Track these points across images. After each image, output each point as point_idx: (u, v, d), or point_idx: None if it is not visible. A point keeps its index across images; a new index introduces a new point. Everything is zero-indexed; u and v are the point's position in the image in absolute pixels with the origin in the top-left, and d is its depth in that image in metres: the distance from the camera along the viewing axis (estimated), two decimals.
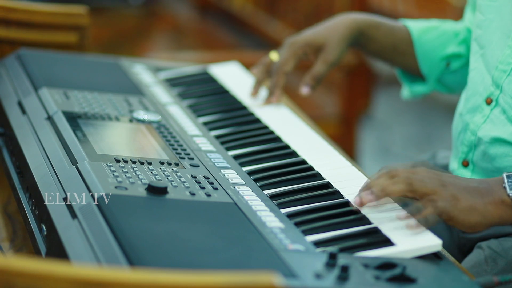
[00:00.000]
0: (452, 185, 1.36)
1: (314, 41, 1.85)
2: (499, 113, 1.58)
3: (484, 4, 1.66)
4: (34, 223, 1.39)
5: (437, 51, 1.86)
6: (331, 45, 1.84)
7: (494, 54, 1.61)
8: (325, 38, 1.84)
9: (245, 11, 4.09)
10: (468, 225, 1.36)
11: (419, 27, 1.89)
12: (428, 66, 1.88)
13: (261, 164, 1.58)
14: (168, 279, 1.01)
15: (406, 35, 1.89)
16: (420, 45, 1.87)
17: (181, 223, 1.29)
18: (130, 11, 4.39)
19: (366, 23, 1.86)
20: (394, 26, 1.89)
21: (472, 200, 1.35)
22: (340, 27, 1.85)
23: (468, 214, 1.35)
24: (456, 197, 1.35)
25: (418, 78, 1.93)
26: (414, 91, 1.95)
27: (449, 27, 1.88)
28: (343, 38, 1.85)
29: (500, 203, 1.37)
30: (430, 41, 1.87)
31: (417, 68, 1.90)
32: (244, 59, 2.59)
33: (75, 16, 2.13)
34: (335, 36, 1.84)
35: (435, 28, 1.88)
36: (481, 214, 1.36)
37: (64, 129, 1.59)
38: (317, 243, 1.30)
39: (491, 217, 1.37)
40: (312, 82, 1.86)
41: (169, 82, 2.02)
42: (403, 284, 1.20)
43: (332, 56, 1.85)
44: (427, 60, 1.87)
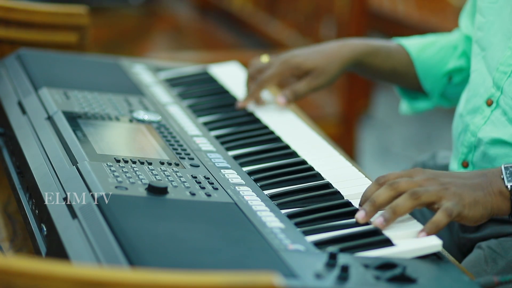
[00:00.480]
0: (452, 185, 1.37)
1: (305, 66, 1.83)
2: (500, 114, 1.58)
3: (485, 6, 1.66)
4: (34, 223, 1.39)
5: (438, 67, 1.85)
6: (320, 73, 1.83)
7: (495, 56, 1.61)
8: (316, 64, 1.83)
9: (245, 11, 4.09)
10: (474, 219, 1.38)
11: (416, 45, 1.88)
12: (430, 83, 1.87)
13: (261, 164, 1.58)
14: (168, 279, 1.01)
15: (404, 56, 1.87)
16: (420, 64, 1.86)
17: (181, 223, 1.29)
18: (130, 11, 4.39)
19: (363, 52, 1.84)
20: (391, 49, 1.87)
21: (474, 194, 1.37)
22: (335, 57, 1.83)
23: (473, 208, 1.37)
24: (459, 195, 1.36)
25: (419, 95, 1.92)
26: (415, 107, 1.94)
27: (446, 41, 1.87)
28: (335, 69, 1.83)
29: (499, 194, 1.39)
30: (429, 58, 1.86)
31: (419, 87, 1.89)
32: (244, 59, 2.59)
33: (75, 16, 2.13)
34: (327, 65, 1.83)
35: (432, 44, 1.87)
36: (483, 206, 1.38)
37: (64, 129, 1.59)
38: (317, 243, 1.30)
39: (490, 208, 1.39)
40: (290, 96, 1.84)
41: (169, 82, 2.02)
42: (403, 284, 1.20)
43: (317, 82, 1.84)
44: (429, 77, 1.87)
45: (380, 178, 1.39)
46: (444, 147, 2.72)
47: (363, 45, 1.85)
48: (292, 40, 3.65)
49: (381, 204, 1.36)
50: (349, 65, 1.85)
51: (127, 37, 4.04)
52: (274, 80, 1.84)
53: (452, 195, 1.35)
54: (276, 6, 3.87)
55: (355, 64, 1.85)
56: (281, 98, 1.85)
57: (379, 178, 1.39)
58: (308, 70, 1.83)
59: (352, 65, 1.85)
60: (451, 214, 1.34)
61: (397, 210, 1.34)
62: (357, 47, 1.85)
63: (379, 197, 1.36)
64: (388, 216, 1.34)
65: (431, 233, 1.33)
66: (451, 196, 1.35)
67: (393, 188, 1.36)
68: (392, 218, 1.34)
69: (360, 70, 1.89)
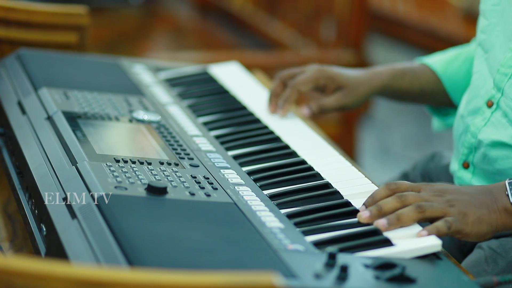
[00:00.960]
0: (457, 202, 1.39)
1: (339, 79, 1.83)
2: (500, 116, 1.58)
3: (488, 9, 1.66)
4: (34, 223, 1.39)
5: (466, 80, 1.84)
6: (352, 92, 1.83)
7: (497, 58, 1.61)
8: (350, 81, 1.83)
9: (245, 11, 4.09)
10: (477, 236, 1.39)
11: (440, 62, 1.87)
12: (460, 97, 1.86)
13: (261, 164, 1.58)
14: (168, 279, 1.01)
15: (431, 74, 1.87)
16: (447, 80, 1.86)
17: (180, 223, 1.29)
18: (130, 11, 4.39)
19: (390, 77, 1.85)
20: (415, 70, 1.87)
21: (479, 212, 1.39)
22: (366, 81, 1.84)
23: (477, 226, 1.38)
24: (464, 213, 1.38)
25: (451, 110, 1.92)
26: (449, 123, 1.93)
27: (468, 52, 1.86)
28: (365, 92, 1.84)
29: (504, 211, 1.41)
30: (456, 72, 1.86)
31: (449, 102, 1.88)
32: (244, 59, 2.59)
33: (75, 16, 2.13)
34: (359, 87, 1.83)
35: (456, 58, 1.87)
36: (487, 224, 1.39)
37: (64, 129, 1.59)
38: (316, 243, 1.30)
39: (495, 225, 1.40)
40: (316, 109, 1.84)
41: (169, 82, 2.02)
42: (402, 284, 1.20)
43: (347, 101, 1.83)
44: (459, 91, 1.86)
45: (392, 184, 1.41)
46: (444, 147, 2.72)
47: (389, 71, 1.86)
48: (292, 40, 3.65)
49: (386, 212, 1.37)
50: (378, 91, 1.85)
51: (127, 37, 4.04)
52: (308, 85, 1.82)
53: (457, 213, 1.37)
54: (276, 6, 3.87)
55: (383, 90, 1.86)
56: (306, 109, 1.84)
57: (391, 184, 1.41)
58: (340, 85, 1.83)
59: (381, 91, 1.86)
60: (450, 227, 1.35)
61: (402, 218, 1.36)
62: (384, 73, 1.86)
63: (386, 205, 1.37)
64: (392, 221, 1.35)
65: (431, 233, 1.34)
66: (456, 214, 1.37)
67: (400, 200, 1.38)
68: (395, 224, 1.35)
69: (389, 95, 1.89)
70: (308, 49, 3.55)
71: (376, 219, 1.36)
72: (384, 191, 1.40)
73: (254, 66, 2.44)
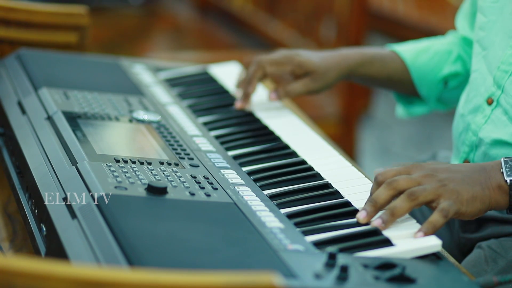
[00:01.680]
0: (450, 181, 1.37)
1: (306, 66, 1.83)
2: (501, 113, 1.58)
3: (486, 6, 1.66)
4: (34, 223, 1.39)
5: (433, 73, 1.86)
6: (319, 77, 1.83)
7: (496, 55, 1.61)
8: (317, 67, 1.83)
9: (245, 11, 4.09)
10: (471, 214, 1.38)
11: (410, 51, 1.88)
12: (426, 89, 1.87)
13: (261, 164, 1.58)
14: (168, 279, 1.01)
15: (399, 63, 1.88)
16: (415, 70, 1.87)
17: (180, 223, 1.29)
18: (130, 11, 4.39)
19: (358, 62, 1.85)
20: (385, 57, 1.88)
21: (472, 190, 1.37)
22: (334, 64, 1.84)
23: (471, 204, 1.37)
24: (457, 192, 1.36)
25: (415, 99, 1.93)
26: (411, 112, 1.95)
27: (440, 46, 1.87)
28: (333, 76, 1.84)
29: (497, 188, 1.40)
30: (424, 64, 1.86)
31: (415, 92, 1.89)
32: (244, 59, 2.59)
33: (75, 16, 2.13)
34: (326, 71, 1.83)
35: (426, 50, 1.87)
36: (481, 201, 1.38)
37: (64, 129, 1.59)
38: (316, 243, 1.30)
39: (488, 201, 1.39)
40: (283, 95, 1.85)
41: (169, 82, 2.02)
42: (402, 284, 1.20)
43: (314, 86, 1.84)
44: (425, 83, 1.87)
45: (378, 176, 1.39)
46: (444, 147, 2.72)
47: (357, 56, 1.86)
48: (292, 40, 3.65)
49: (382, 205, 1.36)
50: (344, 75, 1.86)
51: (127, 37, 4.04)
52: (273, 66, 1.83)
53: (450, 193, 1.35)
54: (276, 6, 3.87)
55: (350, 74, 1.86)
56: (273, 94, 1.85)
57: (377, 176, 1.39)
58: (308, 71, 1.83)
59: (347, 74, 1.86)
60: (447, 215, 1.34)
61: (395, 212, 1.35)
62: (352, 58, 1.86)
63: (380, 198, 1.36)
64: (387, 218, 1.34)
65: (428, 233, 1.33)
66: (449, 194, 1.35)
67: (392, 187, 1.36)
68: (391, 219, 1.34)
69: (355, 79, 1.90)
70: (308, 49, 3.54)
71: (374, 215, 1.36)
72: (374, 187, 1.39)
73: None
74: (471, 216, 1.38)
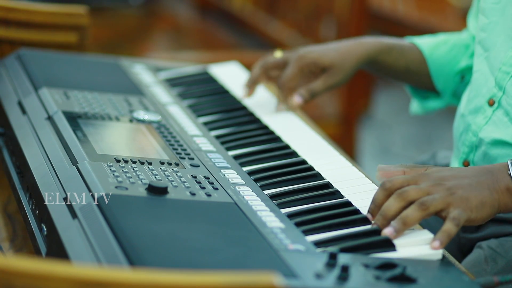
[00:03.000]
0: (458, 188, 1.36)
1: (321, 62, 1.82)
2: (502, 115, 1.58)
3: (488, 7, 1.66)
4: (34, 223, 1.39)
5: (451, 66, 1.85)
6: (337, 70, 1.82)
7: (498, 56, 1.61)
8: (332, 61, 1.82)
9: (245, 11, 4.09)
10: (481, 220, 1.37)
11: (428, 43, 1.87)
12: (443, 82, 1.86)
13: (261, 164, 1.58)
14: (168, 279, 1.01)
15: (417, 54, 1.87)
16: (433, 62, 1.86)
17: (181, 223, 1.29)
18: (130, 11, 4.39)
19: (377, 49, 1.84)
20: (403, 47, 1.87)
21: (481, 195, 1.36)
22: (350, 55, 1.83)
23: (481, 210, 1.36)
24: (466, 199, 1.35)
25: (431, 94, 1.92)
26: (427, 107, 1.93)
27: (457, 39, 1.86)
28: (350, 67, 1.83)
29: (506, 191, 1.38)
30: (442, 56, 1.85)
31: (431, 85, 1.88)
32: (244, 59, 2.59)
33: (75, 16, 2.13)
34: (343, 63, 1.82)
35: (444, 42, 1.87)
36: (490, 206, 1.37)
37: (64, 129, 1.59)
38: (317, 243, 1.30)
39: (497, 205, 1.38)
40: (307, 95, 1.84)
41: (169, 82, 2.02)
42: (403, 284, 1.19)
43: (334, 80, 1.83)
44: (442, 75, 1.86)
45: (386, 183, 1.38)
46: (444, 147, 2.71)
47: (377, 43, 1.85)
48: (292, 40, 3.65)
49: (392, 216, 1.35)
50: (363, 63, 1.84)
51: (127, 37, 4.04)
52: (296, 79, 1.83)
53: (459, 200, 1.35)
54: (276, 6, 3.87)
55: (369, 62, 1.85)
56: (298, 97, 1.83)
57: (385, 183, 1.38)
58: (324, 67, 1.82)
59: (366, 63, 1.85)
60: (459, 223, 1.33)
61: (407, 221, 1.33)
62: (371, 45, 1.85)
63: (390, 210, 1.35)
64: (398, 227, 1.33)
65: (444, 242, 1.31)
66: (458, 202, 1.34)
67: (402, 199, 1.35)
68: (403, 228, 1.33)
69: (373, 68, 1.89)
70: None
71: (385, 227, 1.34)
72: (381, 193, 1.37)
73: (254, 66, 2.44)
74: (482, 221, 1.37)
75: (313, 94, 1.84)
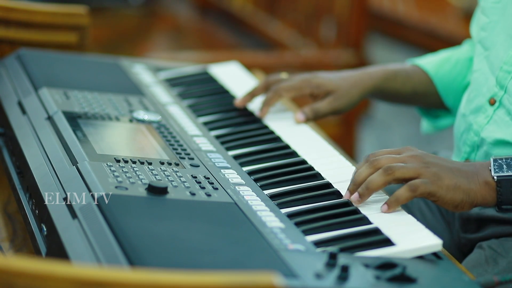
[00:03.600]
0: (435, 165, 1.39)
1: (326, 87, 1.81)
2: (504, 114, 1.58)
3: (488, 6, 1.66)
4: (34, 223, 1.39)
5: (458, 81, 1.84)
6: (342, 94, 1.81)
7: (499, 55, 1.61)
8: (338, 87, 1.81)
9: (245, 11, 4.09)
10: (453, 204, 1.39)
11: (431, 63, 1.87)
12: (452, 98, 1.85)
13: (261, 164, 1.58)
14: (168, 279, 1.01)
15: (423, 75, 1.86)
16: (439, 81, 1.85)
17: (181, 223, 1.29)
18: (130, 11, 4.39)
19: (382, 78, 1.83)
20: (408, 71, 1.87)
21: (456, 179, 1.39)
22: (356, 84, 1.82)
23: (453, 192, 1.38)
24: (439, 176, 1.37)
25: (441, 112, 1.91)
26: (439, 125, 1.93)
27: (459, 54, 1.86)
28: (355, 95, 1.82)
29: (484, 184, 1.41)
30: (448, 73, 1.85)
31: (440, 104, 1.87)
32: (244, 59, 2.59)
33: (75, 16, 2.13)
34: (349, 90, 1.81)
35: (447, 59, 1.86)
36: (465, 193, 1.39)
37: (64, 129, 1.59)
38: (317, 243, 1.30)
39: (474, 196, 1.40)
40: (310, 114, 1.81)
41: (169, 82, 2.02)
42: (403, 284, 1.20)
43: (338, 103, 1.81)
44: (450, 93, 1.85)
45: (370, 155, 1.41)
46: (444, 147, 2.71)
47: (381, 72, 1.85)
48: (292, 40, 3.65)
49: (361, 182, 1.38)
50: (369, 93, 1.84)
51: (127, 37, 4.04)
52: (291, 92, 1.80)
53: (431, 174, 1.37)
54: (276, 6, 3.87)
55: (376, 91, 1.84)
56: (300, 115, 1.80)
57: (369, 155, 1.42)
58: (329, 91, 1.81)
59: (373, 92, 1.84)
60: (415, 190, 1.35)
61: (370, 186, 1.37)
62: (376, 74, 1.84)
63: (360, 175, 1.39)
64: (362, 191, 1.37)
65: (390, 205, 1.36)
66: (429, 175, 1.37)
67: (372, 166, 1.38)
68: (366, 193, 1.37)
69: (381, 96, 1.88)
70: (308, 49, 3.55)
71: (354, 192, 1.39)
72: (362, 163, 1.41)
73: (254, 66, 2.45)
74: (453, 206, 1.39)
75: (316, 114, 1.80)
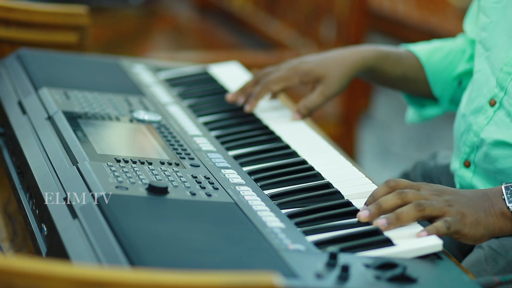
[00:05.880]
0: (456, 202, 1.39)
1: (315, 72, 1.79)
2: (504, 115, 1.58)
3: (489, 6, 1.66)
4: (34, 223, 1.39)
5: (448, 71, 1.84)
6: (332, 79, 1.78)
7: (499, 56, 1.61)
8: (326, 70, 1.78)
9: (245, 11, 4.09)
10: (474, 238, 1.39)
11: (424, 50, 1.86)
12: (440, 88, 1.85)
13: (262, 164, 1.58)
14: (168, 279, 1.01)
15: (414, 61, 1.85)
16: (430, 68, 1.84)
17: (181, 223, 1.29)
18: (130, 11, 4.39)
19: (373, 57, 1.81)
20: (400, 54, 1.85)
21: (476, 214, 1.39)
22: (345, 62, 1.79)
23: (474, 227, 1.38)
24: (462, 213, 1.38)
25: (428, 101, 1.90)
26: (424, 114, 1.92)
27: (453, 45, 1.85)
28: (346, 74, 1.79)
29: (500, 215, 1.41)
30: (439, 62, 1.84)
31: (429, 92, 1.86)
32: (244, 59, 2.59)
33: (75, 16, 2.13)
34: (338, 71, 1.78)
35: (440, 48, 1.85)
36: (484, 227, 1.39)
37: (65, 129, 1.59)
38: (317, 243, 1.30)
39: (492, 229, 1.40)
40: (305, 111, 1.80)
41: (169, 82, 2.02)
42: (403, 284, 1.20)
43: (330, 90, 1.79)
44: (439, 81, 1.85)
45: (391, 181, 1.40)
46: (444, 147, 2.72)
47: (372, 51, 1.82)
48: (292, 40, 3.65)
49: (386, 209, 1.37)
50: (359, 70, 1.81)
51: (127, 37, 4.04)
52: (280, 84, 1.80)
53: (455, 213, 1.37)
54: (276, 6, 3.87)
55: (366, 69, 1.81)
56: (296, 115, 1.79)
57: (390, 181, 1.40)
58: (318, 77, 1.79)
59: (363, 70, 1.81)
60: (449, 227, 1.35)
61: (401, 218, 1.35)
62: (367, 52, 1.81)
63: (386, 203, 1.37)
64: (392, 220, 1.35)
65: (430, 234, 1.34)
66: (454, 213, 1.37)
67: (400, 197, 1.37)
68: (395, 223, 1.35)
69: (370, 76, 1.86)
70: (308, 49, 3.55)
71: (375, 217, 1.36)
72: (383, 189, 1.40)
73: (254, 66, 2.44)
74: (474, 240, 1.39)
75: (310, 109, 1.80)
